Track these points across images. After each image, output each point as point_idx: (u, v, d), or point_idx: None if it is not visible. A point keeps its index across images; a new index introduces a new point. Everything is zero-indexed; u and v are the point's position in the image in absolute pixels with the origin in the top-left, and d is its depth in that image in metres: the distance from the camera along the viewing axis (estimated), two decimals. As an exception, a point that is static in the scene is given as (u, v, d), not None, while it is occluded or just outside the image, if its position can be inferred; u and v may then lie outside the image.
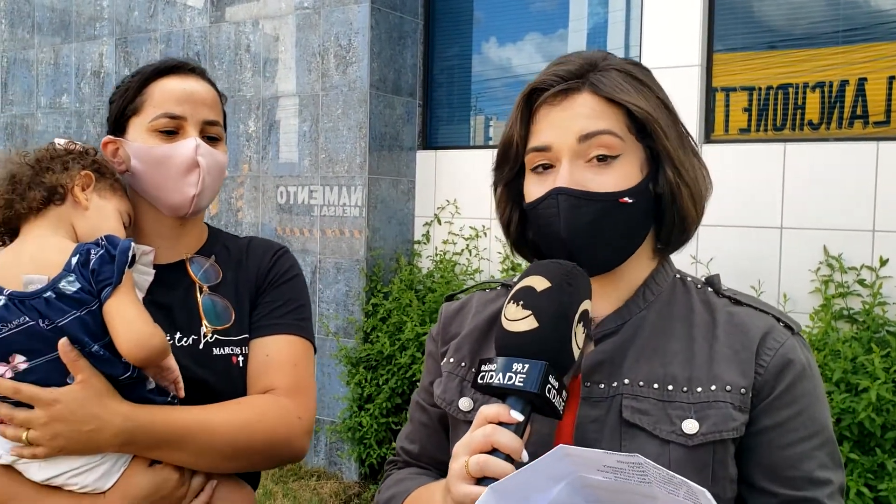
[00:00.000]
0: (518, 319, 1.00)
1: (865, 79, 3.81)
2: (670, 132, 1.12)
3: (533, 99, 1.14)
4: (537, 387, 0.95)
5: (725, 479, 1.07)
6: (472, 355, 1.24)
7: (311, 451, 4.99)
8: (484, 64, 5.07)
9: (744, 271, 3.83)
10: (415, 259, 5.00)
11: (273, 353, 1.49)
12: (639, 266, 1.18)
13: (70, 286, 1.26)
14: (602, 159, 1.09)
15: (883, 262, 3.59)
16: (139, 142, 1.45)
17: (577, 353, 1.01)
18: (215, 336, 1.47)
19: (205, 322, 1.47)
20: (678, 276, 1.21)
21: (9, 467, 1.30)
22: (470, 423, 1.13)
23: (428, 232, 5.01)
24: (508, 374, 0.97)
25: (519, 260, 4.40)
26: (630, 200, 1.09)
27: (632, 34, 4.51)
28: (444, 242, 4.91)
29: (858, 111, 3.84)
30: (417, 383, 4.28)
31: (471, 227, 4.81)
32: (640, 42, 4.24)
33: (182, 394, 1.37)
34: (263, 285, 1.56)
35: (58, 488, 1.30)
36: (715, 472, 1.06)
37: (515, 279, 1.30)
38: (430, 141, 5.19)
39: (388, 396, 4.42)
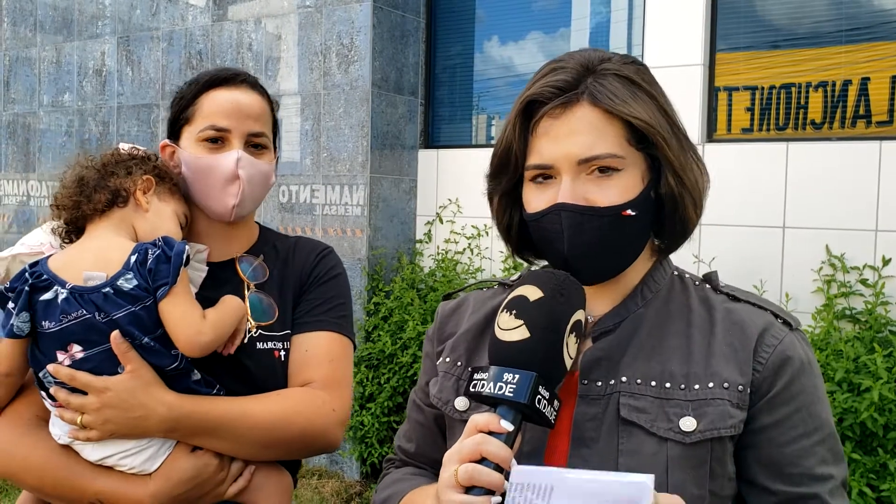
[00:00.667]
0: (510, 329, 1.01)
1: (868, 78, 3.81)
2: (671, 140, 1.10)
3: (530, 111, 1.11)
4: (526, 398, 0.96)
5: (724, 477, 1.07)
6: (468, 354, 1.24)
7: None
8: (486, 63, 5.06)
9: (746, 271, 3.82)
10: (416, 258, 5.00)
11: (312, 349, 1.57)
12: (637, 266, 1.17)
13: (127, 283, 1.36)
14: (604, 171, 1.07)
15: (885, 262, 3.58)
16: (188, 151, 1.55)
17: (568, 362, 1.02)
18: (259, 331, 1.56)
19: (250, 318, 1.55)
20: (676, 273, 1.21)
21: (67, 447, 1.42)
22: (466, 422, 1.14)
23: (430, 231, 5.00)
24: (499, 384, 0.98)
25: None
26: (633, 213, 1.08)
27: (634, 33, 4.51)
28: (446, 241, 4.90)
29: (861, 111, 3.83)
30: (419, 382, 4.29)
31: (472, 226, 4.80)
32: (643, 41, 4.24)
33: (232, 350, 1.49)
34: (307, 283, 1.64)
35: (109, 468, 1.42)
36: (713, 469, 1.06)
37: (513, 279, 1.30)
38: (431, 140, 5.19)
39: (389, 395, 4.42)
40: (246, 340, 1.53)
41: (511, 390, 0.97)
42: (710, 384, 1.06)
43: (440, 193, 4.98)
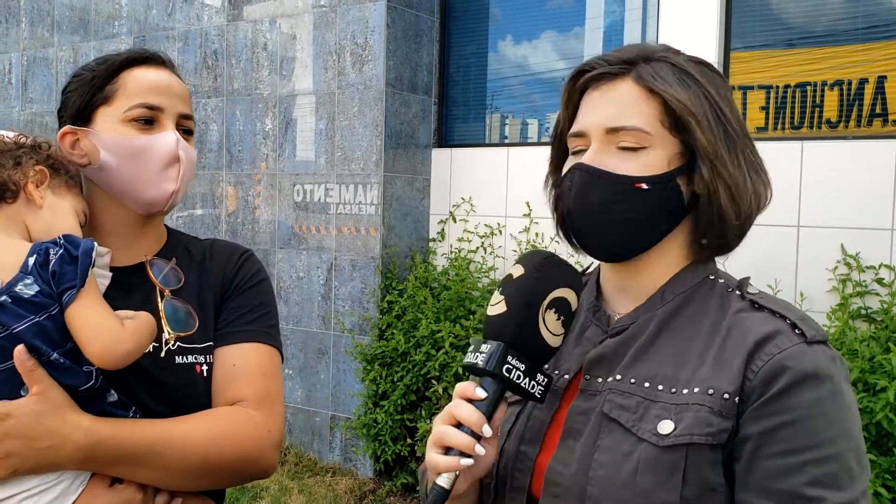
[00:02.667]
0: (495, 304, 1.09)
1: (885, 77, 3.78)
2: (711, 127, 1.09)
3: (579, 81, 1.16)
4: (492, 366, 1.03)
5: (702, 487, 1.01)
6: None
7: (326, 448, 5.02)
8: (500, 62, 5.07)
9: (760, 270, 3.81)
10: (430, 257, 5.01)
11: (240, 363, 1.41)
12: (664, 265, 1.15)
13: (27, 289, 1.16)
14: (628, 149, 1.09)
15: (902, 262, 3.56)
16: (112, 133, 1.35)
17: (550, 339, 1.07)
18: (178, 343, 1.38)
19: (167, 328, 1.38)
20: (712, 276, 1.16)
21: None
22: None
23: (443, 230, 5.01)
24: (476, 354, 1.06)
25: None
26: (646, 187, 1.08)
27: (648, 32, 4.50)
28: (459, 240, 4.91)
29: (878, 109, 3.80)
30: (432, 380, 4.33)
31: (486, 225, 4.81)
32: (657, 40, 4.23)
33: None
34: (229, 290, 1.47)
35: None
36: (687, 476, 1.01)
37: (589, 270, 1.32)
38: (445, 139, 5.20)
39: (402, 393, 4.43)
40: (163, 354, 1.36)
41: (482, 359, 1.04)
42: (696, 389, 1.03)
43: (453, 192, 4.99)
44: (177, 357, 1.38)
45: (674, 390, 1.05)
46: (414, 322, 4.48)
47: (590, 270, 1.30)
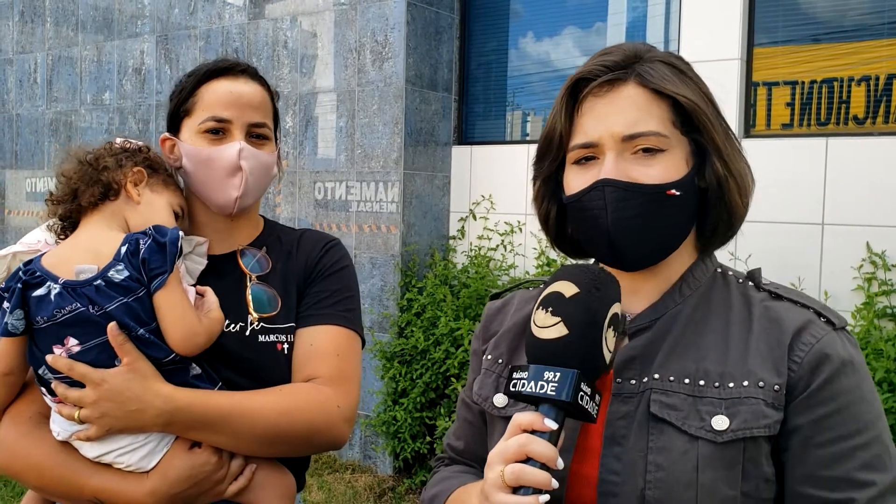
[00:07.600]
0: (547, 326, 1.00)
1: (913, 72, 3.72)
2: (717, 123, 1.12)
3: (578, 89, 1.13)
4: (569, 396, 0.95)
5: (759, 479, 1.03)
6: (510, 353, 1.25)
7: (346, 445, 5.04)
8: (520, 59, 5.04)
9: (784, 268, 3.76)
10: (449, 254, 5.00)
11: (317, 343, 1.54)
12: (678, 262, 1.16)
13: (118, 274, 1.36)
14: (648, 151, 1.08)
15: (929, 260, 3.50)
16: (189, 143, 1.53)
17: (608, 356, 1.01)
18: (261, 324, 1.53)
19: (251, 310, 1.54)
20: (719, 269, 1.19)
21: (68, 444, 1.40)
22: (505, 419, 1.14)
23: (463, 227, 5.00)
24: (540, 383, 0.97)
25: (554, 255, 4.38)
26: (677, 193, 1.08)
27: (671, 27, 4.46)
28: (479, 238, 4.90)
29: (905, 105, 3.74)
30: (451, 378, 4.32)
31: (506, 223, 4.79)
32: (679, 35, 4.19)
33: None
34: (312, 276, 1.61)
35: (108, 465, 1.40)
36: (746, 469, 1.02)
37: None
38: (465, 136, 5.19)
39: (422, 391, 4.43)
40: (248, 333, 1.52)
41: (553, 389, 0.96)
42: (745, 383, 1.04)
43: (473, 190, 4.98)
44: (260, 336, 1.53)
45: (718, 385, 1.05)
46: (433, 320, 4.47)
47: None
